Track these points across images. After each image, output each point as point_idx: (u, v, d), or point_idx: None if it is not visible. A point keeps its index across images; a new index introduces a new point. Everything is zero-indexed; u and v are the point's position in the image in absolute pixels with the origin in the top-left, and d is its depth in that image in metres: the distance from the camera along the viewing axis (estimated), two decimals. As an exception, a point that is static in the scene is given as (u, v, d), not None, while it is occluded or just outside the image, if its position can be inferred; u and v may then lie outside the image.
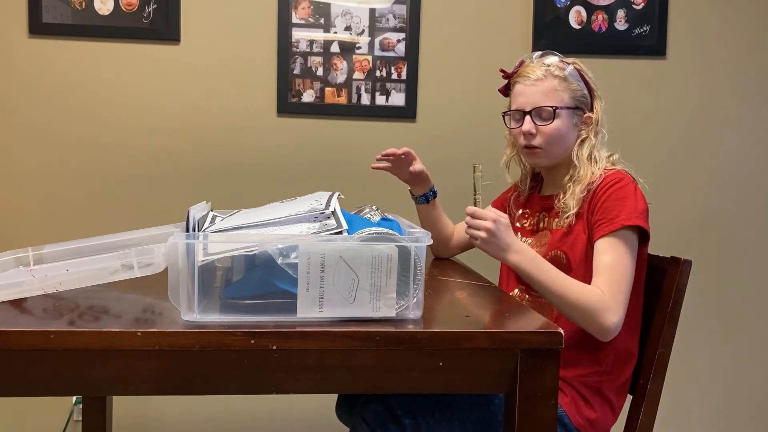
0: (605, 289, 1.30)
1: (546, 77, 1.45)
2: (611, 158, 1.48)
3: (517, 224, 1.59)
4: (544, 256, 1.46)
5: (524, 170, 1.63)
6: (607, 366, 1.40)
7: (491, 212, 1.34)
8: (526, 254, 1.34)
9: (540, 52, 1.52)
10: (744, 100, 2.35)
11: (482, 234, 1.33)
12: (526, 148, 1.49)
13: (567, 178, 1.47)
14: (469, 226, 1.36)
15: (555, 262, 1.42)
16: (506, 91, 1.56)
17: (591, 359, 1.40)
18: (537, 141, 1.46)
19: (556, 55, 1.50)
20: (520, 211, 1.60)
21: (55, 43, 2.16)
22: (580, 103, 1.47)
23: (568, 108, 1.46)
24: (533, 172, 1.63)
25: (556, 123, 1.44)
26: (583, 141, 1.47)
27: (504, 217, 1.35)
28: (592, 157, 1.46)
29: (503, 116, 1.55)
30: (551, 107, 1.44)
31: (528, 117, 1.45)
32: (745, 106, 2.36)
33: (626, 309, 1.31)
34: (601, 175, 1.42)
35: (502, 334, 0.96)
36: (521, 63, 1.52)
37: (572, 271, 1.40)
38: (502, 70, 1.55)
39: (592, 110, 1.49)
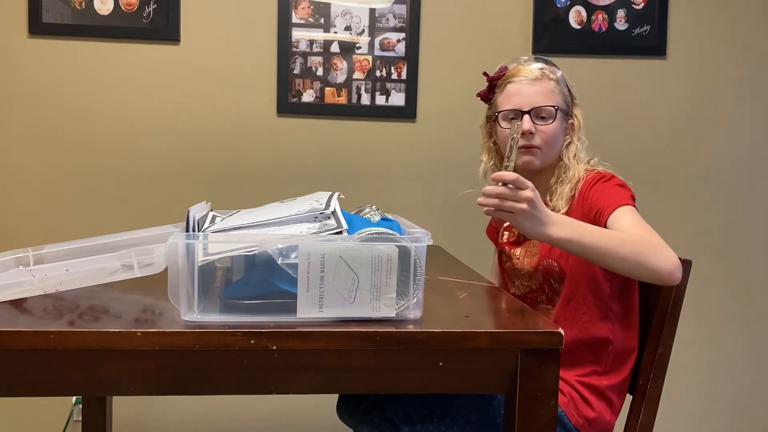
0: (647, 236, 1.23)
1: (543, 78, 1.45)
2: (591, 162, 1.49)
3: (506, 234, 1.58)
4: (535, 267, 1.46)
5: None
6: (606, 366, 1.39)
7: (527, 180, 1.17)
8: (566, 223, 1.21)
9: (525, 57, 1.51)
10: (744, 99, 2.35)
11: (524, 207, 1.15)
12: (522, 147, 1.47)
13: (553, 179, 1.46)
14: (505, 199, 1.16)
15: (547, 272, 1.42)
16: (489, 95, 1.53)
17: (590, 360, 1.39)
18: (536, 141, 1.44)
19: (542, 60, 1.50)
20: (507, 222, 1.56)
21: (55, 43, 2.16)
22: (567, 107, 1.49)
23: (562, 110, 1.46)
24: None
25: (555, 124, 1.44)
26: (568, 145, 1.48)
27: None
28: (577, 158, 1.47)
29: (495, 117, 1.49)
30: (552, 107, 1.44)
31: (527, 116, 1.43)
32: (744, 106, 2.36)
33: None
34: (583, 176, 1.42)
35: (502, 334, 0.96)
36: (505, 68, 1.51)
37: (566, 279, 1.39)
38: (485, 74, 1.53)
39: (572, 117, 1.50)
